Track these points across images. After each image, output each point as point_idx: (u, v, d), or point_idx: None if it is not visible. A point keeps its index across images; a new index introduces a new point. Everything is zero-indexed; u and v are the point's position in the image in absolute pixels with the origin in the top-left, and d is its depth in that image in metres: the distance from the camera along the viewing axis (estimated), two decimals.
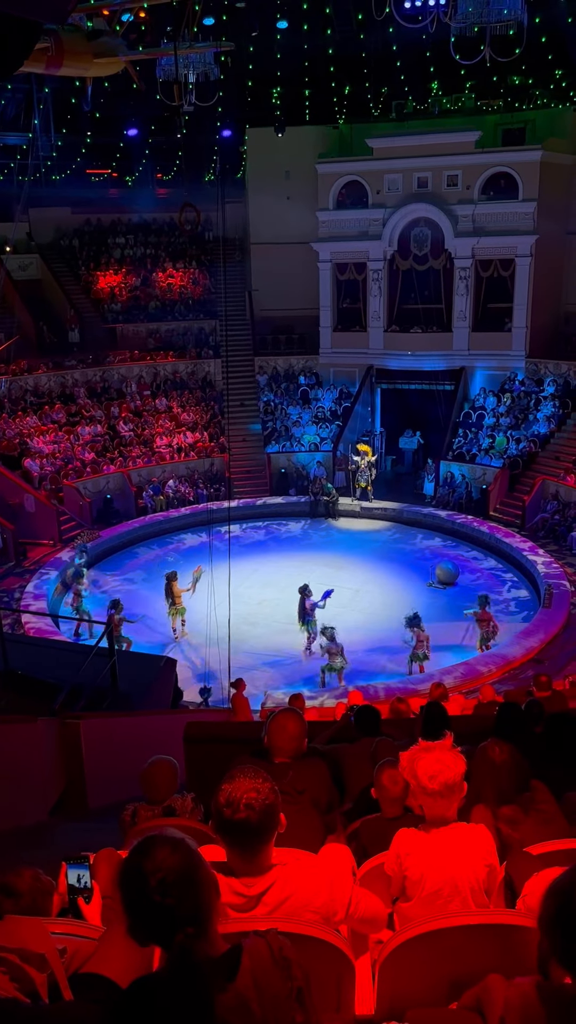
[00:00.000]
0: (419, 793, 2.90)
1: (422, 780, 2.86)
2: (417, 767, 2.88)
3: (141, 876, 1.74)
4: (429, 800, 2.89)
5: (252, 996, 1.64)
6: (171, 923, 1.71)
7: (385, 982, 2.49)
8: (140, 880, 1.74)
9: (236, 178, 29.83)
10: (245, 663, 14.90)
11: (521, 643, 15.88)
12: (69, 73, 17.11)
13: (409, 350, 26.39)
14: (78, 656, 9.51)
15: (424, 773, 2.86)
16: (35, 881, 2.49)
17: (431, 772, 2.85)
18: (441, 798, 2.86)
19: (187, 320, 29.78)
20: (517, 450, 23.83)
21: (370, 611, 17.39)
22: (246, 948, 1.72)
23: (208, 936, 1.74)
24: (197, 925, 1.72)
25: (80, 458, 23.86)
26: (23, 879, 2.47)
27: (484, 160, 25.03)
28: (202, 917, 1.74)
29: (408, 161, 25.52)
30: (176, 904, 1.70)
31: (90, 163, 30.60)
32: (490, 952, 2.41)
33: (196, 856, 1.79)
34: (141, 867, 1.75)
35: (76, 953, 2.41)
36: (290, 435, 26.21)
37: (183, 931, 1.70)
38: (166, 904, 1.70)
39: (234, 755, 3.35)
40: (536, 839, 3.22)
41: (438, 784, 2.84)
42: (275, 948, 1.73)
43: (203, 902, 1.75)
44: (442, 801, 2.87)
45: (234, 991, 1.63)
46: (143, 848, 1.79)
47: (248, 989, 1.64)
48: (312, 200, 26.95)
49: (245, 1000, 1.63)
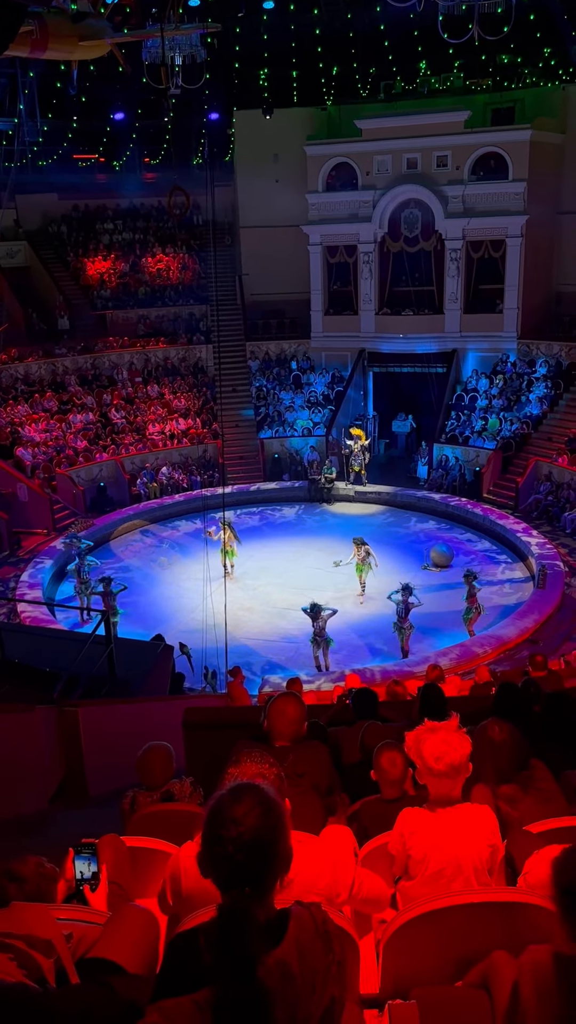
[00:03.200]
0: (424, 773, 2.91)
1: (428, 761, 2.87)
2: (423, 748, 2.90)
3: (223, 821, 1.73)
4: (434, 780, 2.90)
5: (294, 963, 1.65)
6: (234, 876, 1.71)
7: (389, 961, 2.51)
8: (221, 825, 1.73)
9: (224, 161, 29.60)
10: (242, 648, 14.95)
11: (516, 624, 15.95)
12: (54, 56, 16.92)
13: (401, 333, 26.32)
14: (75, 644, 9.51)
15: (430, 754, 2.87)
16: (39, 868, 2.50)
17: (437, 753, 2.86)
18: (446, 778, 2.87)
19: (177, 306, 29.61)
20: (510, 432, 23.84)
21: (365, 594, 17.42)
22: (293, 916, 1.73)
23: (263, 902, 1.74)
24: (256, 888, 1.72)
25: (72, 446, 23.78)
26: (27, 866, 2.48)
27: (473, 140, 24.87)
28: (264, 883, 1.73)
29: (397, 142, 25.34)
30: (244, 861, 1.70)
31: (77, 148, 30.33)
32: (493, 930, 2.43)
33: (281, 826, 1.78)
34: (228, 812, 1.74)
35: (82, 938, 2.43)
36: (283, 420, 26.16)
37: (241, 888, 1.70)
38: (236, 858, 1.70)
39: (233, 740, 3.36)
40: (535, 817, 3.25)
41: (444, 765, 2.85)
42: (319, 921, 1.74)
43: (270, 870, 1.74)
44: (447, 781, 2.88)
45: (277, 956, 1.64)
46: (238, 794, 1.78)
47: (291, 956, 1.65)
48: (301, 183, 26.77)
49: (287, 966, 1.63)
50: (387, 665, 14.41)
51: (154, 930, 2.69)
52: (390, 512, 22.87)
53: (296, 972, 1.65)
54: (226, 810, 1.74)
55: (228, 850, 1.70)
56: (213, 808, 1.77)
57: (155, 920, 2.74)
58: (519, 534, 19.76)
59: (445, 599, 16.97)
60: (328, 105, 27.61)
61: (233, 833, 1.71)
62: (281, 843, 1.77)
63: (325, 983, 1.67)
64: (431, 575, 18.66)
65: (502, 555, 19.81)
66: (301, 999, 1.64)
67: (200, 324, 29.02)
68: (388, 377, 27.32)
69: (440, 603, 16.74)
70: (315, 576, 18.54)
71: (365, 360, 26.95)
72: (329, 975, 1.68)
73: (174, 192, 19.36)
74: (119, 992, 1.88)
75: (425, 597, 15.97)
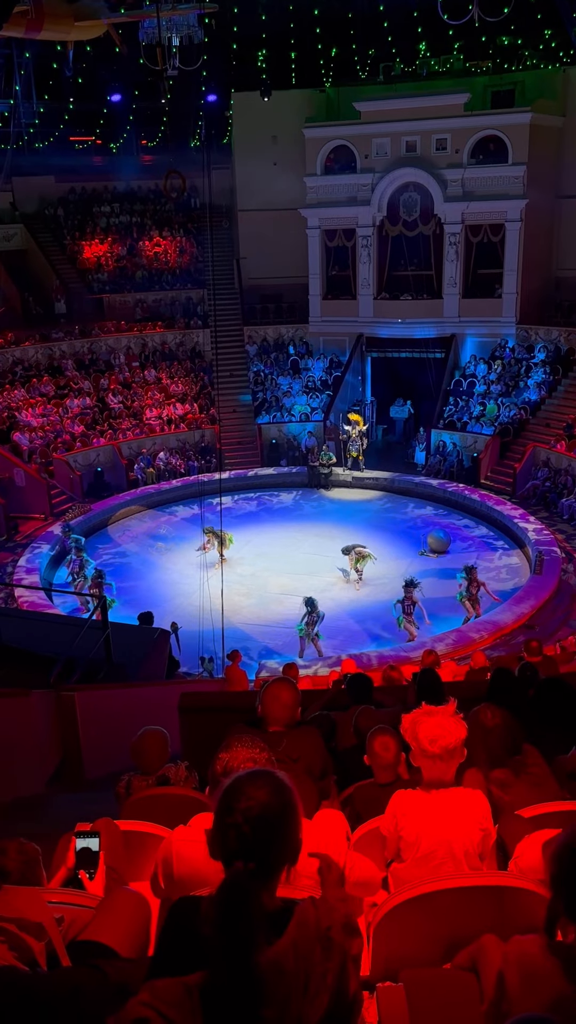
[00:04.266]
0: (419, 755, 2.94)
1: (423, 743, 2.90)
2: (419, 730, 2.93)
3: (237, 795, 1.80)
4: (428, 763, 2.93)
5: (288, 962, 1.67)
6: (240, 848, 1.75)
7: (380, 944, 2.53)
8: (234, 798, 1.79)
9: (222, 144, 29.37)
10: (239, 633, 14.98)
11: (512, 609, 15.99)
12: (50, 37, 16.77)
13: (399, 318, 26.22)
14: (72, 629, 9.52)
15: (425, 736, 2.90)
16: (20, 854, 2.50)
17: (432, 735, 2.89)
18: (440, 761, 2.90)
19: (174, 289, 29.47)
20: (508, 417, 23.80)
21: (363, 581, 17.44)
22: (296, 914, 1.75)
23: (267, 885, 1.77)
24: (260, 865, 1.75)
25: (69, 431, 23.72)
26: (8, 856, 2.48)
27: (473, 123, 24.66)
28: (268, 863, 1.77)
29: (396, 125, 25.14)
30: (251, 835, 1.75)
31: (73, 130, 30.07)
32: (483, 914, 2.45)
33: (292, 810, 1.82)
34: (242, 787, 1.81)
35: (74, 921, 2.44)
36: (280, 405, 26.09)
37: (247, 862, 1.74)
38: (243, 830, 1.75)
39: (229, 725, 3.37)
40: (527, 802, 3.27)
41: (438, 748, 2.88)
42: (323, 926, 1.76)
43: (276, 851, 1.79)
44: (441, 764, 2.91)
45: (271, 953, 1.66)
46: (254, 777, 1.84)
47: (286, 954, 1.67)
48: (300, 165, 26.58)
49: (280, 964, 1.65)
50: (384, 650, 14.45)
51: (146, 913, 2.70)
52: (387, 498, 22.87)
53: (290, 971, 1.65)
54: (241, 786, 1.82)
55: (237, 820, 1.76)
56: (229, 785, 1.84)
57: (147, 903, 2.75)
58: (516, 520, 19.77)
59: (442, 585, 16.99)
60: (327, 87, 27.36)
61: (243, 805, 1.77)
62: (290, 826, 1.81)
63: (319, 988, 1.68)
64: (428, 561, 18.68)
65: (499, 541, 19.83)
66: (292, 999, 1.65)
67: (197, 308, 28.90)
68: (386, 362, 27.22)
69: (437, 589, 16.76)
70: (312, 562, 18.56)
71: (363, 345, 26.84)
72: (324, 982, 1.69)
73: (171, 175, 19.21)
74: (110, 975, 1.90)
75: (422, 583, 15.98)
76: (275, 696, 3.60)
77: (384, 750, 3.89)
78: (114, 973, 1.90)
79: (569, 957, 1.85)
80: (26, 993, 1.73)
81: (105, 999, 1.77)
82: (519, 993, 1.87)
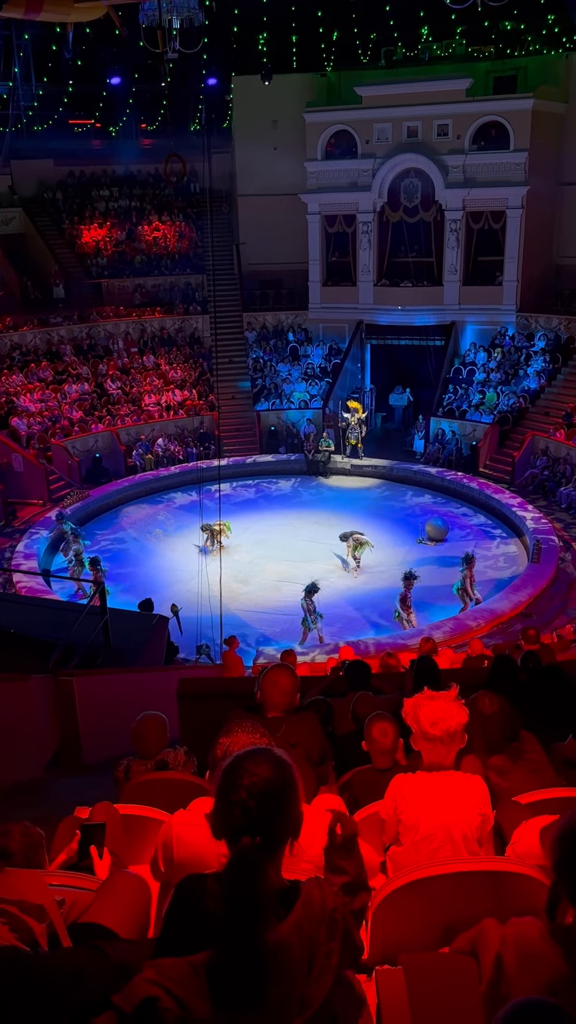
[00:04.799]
0: (419, 739, 2.97)
1: (424, 725, 2.93)
2: (420, 713, 2.95)
3: (239, 772, 1.82)
4: (428, 746, 2.96)
5: (294, 942, 1.69)
6: (247, 824, 1.77)
7: (377, 928, 2.55)
8: (237, 775, 1.82)
9: (222, 128, 29.19)
10: (236, 620, 15.01)
11: (510, 597, 16.02)
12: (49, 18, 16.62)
13: (399, 305, 26.13)
14: (70, 615, 9.53)
15: (427, 719, 2.93)
16: (24, 837, 2.53)
17: (433, 718, 2.92)
18: (441, 744, 2.93)
19: (174, 275, 29.34)
20: (507, 406, 23.78)
21: (361, 568, 17.47)
22: (303, 894, 1.77)
23: (272, 858, 1.79)
24: (266, 840, 1.77)
25: (68, 417, 23.67)
26: (12, 838, 2.50)
27: (475, 109, 24.50)
28: (274, 837, 1.80)
29: (398, 110, 24.98)
30: (255, 809, 1.77)
31: (72, 113, 29.89)
32: (482, 898, 2.47)
33: (293, 784, 1.85)
34: (243, 764, 1.84)
35: (74, 904, 2.46)
36: (280, 392, 26.04)
37: (252, 836, 1.76)
38: (248, 805, 1.77)
39: (227, 711, 3.38)
40: (524, 788, 3.29)
41: (439, 731, 2.91)
42: (328, 907, 1.78)
43: (280, 824, 1.81)
44: (441, 748, 2.94)
45: (277, 934, 1.67)
46: (254, 754, 1.87)
47: (291, 935, 1.69)
48: (300, 150, 26.42)
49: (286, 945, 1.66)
50: (381, 638, 14.49)
51: (146, 896, 2.73)
52: (386, 485, 22.87)
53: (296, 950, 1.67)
54: (242, 763, 1.84)
55: (242, 796, 1.78)
56: (231, 763, 1.86)
57: (147, 886, 2.77)
58: (515, 508, 19.79)
59: (439, 573, 17.02)
60: (328, 71, 27.18)
61: (247, 781, 1.79)
62: (292, 799, 1.84)
63: (323, 968, 1.70)
64: (426, 549, 18.70)
65: (497, 529, 19.85)
66: (297, 980, 1.67)
67: (196, 294, 28.78)
68: (386, 350, 27.14)
69: (434, 577, 16.80)
70: (310, 549, 18.58)
71: (363, 332, 26.76)
72: (328, 962, 1.71)
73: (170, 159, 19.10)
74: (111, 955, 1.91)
75: (420, 571, 16.02)
76: (274, 682, 3.62)
77: (382, 736, 3.91)
78: (115, 954, 1.91)
79: (568, 939, 1.87)
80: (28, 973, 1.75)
81: (107, 979, 1.79)
82: (517, 974, 1.89)
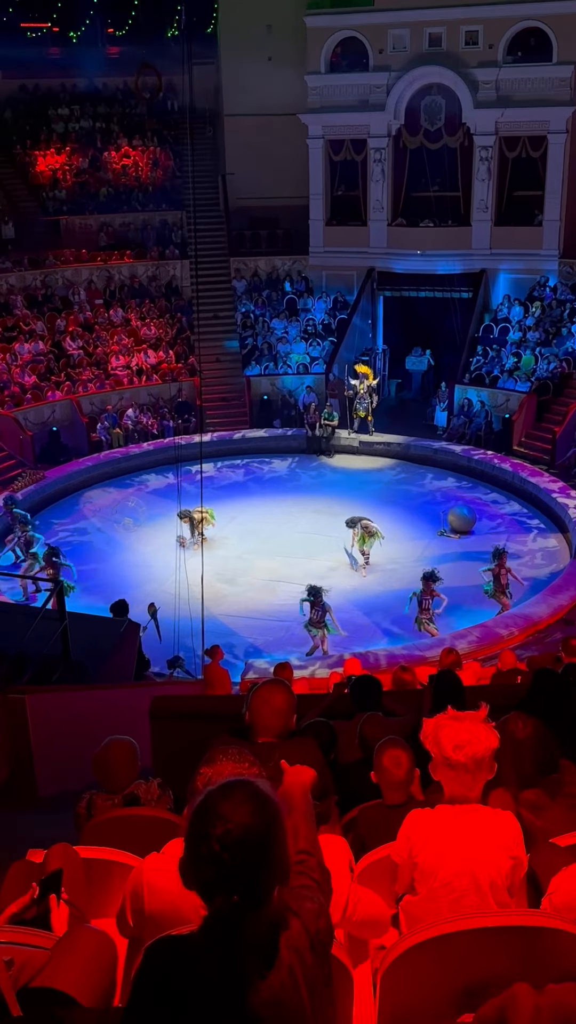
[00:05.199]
0: (440, 765, 2.94)
1: (446, 750, 2.91)
2: (442, 734, 2.93)
3: (210, 818, 1.79)
4: (451, 774, 2.93)
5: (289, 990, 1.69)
6: (220, 880, 1.75)
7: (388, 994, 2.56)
8: (207, 822, 1.79)
9: (205, 34, 29.08)
10: (221, 627, 15.02)
11: (548, 601, 16.05)
12: None
13: (418, 249, 26.11)
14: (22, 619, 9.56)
15: (449, 742, 2.90)
16: None
17: (458, 741, 2.89)
18: (466, 772, 2.90)
19: (147, 211, 29.28)
20: (547, 371, 23.78)
21: (371, 565, 17.50)
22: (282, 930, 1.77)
23: (257, 915, 1.77)
24: (246, 896, 1.75)
25: (19, 382, 23.63)
26: None
27: (510, 12, 24.44)
28: (255, 891, 1.77)
29: (417, 13, 24.90)
30: (231, 862, 1.74)
31: (25, 15, 29.71)
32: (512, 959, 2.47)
33: (276, 826, 1.82)
34: (215, 808, 1.80)
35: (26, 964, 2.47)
36: (274, 354, 26.02)
37: (229, 895, 1.74)
38: (222, 858, 1.75)
39: (210, 734, 3.39)
40: (564, 828, 3.30)
41: (464, 756, 2.88)
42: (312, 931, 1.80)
43: (262, 876, 1.78)
44: (466, 777, 2.92)
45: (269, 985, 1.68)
46: (227, 789, 1.84)
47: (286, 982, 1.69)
48: (300, 61, 26.35)
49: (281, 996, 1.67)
50: (394, 648, 14.53)
51: (111, 955, 2.74)
52: (401, 467, 22.89)
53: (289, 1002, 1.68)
54: (213, 806, 1.80)
55: (214, 848, 1.74)
56: (199, 805, 1.83)
57: (112, 944, 2.78)
58: (555, 495, 19.82)
59: (464, 571, 17.05)
60: None
61: (219, 830, 1.76)
62: (276, 845, 1.81)
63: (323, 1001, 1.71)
64: (449, 542, 18.73)
65: (534, 520, 19.89)
66: None
67: (174, 235, 28.70)
68: (402, 303, 27.15)
69: (459, 576, 16.82)
70: (310, 543, 18.60)
71: (374, 282, 26.76)
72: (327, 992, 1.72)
73: (143, 70, 19.01)
74: None
75: (442, 569, 16.04)
76: (266, 700, 3.63)
77: (395, 765, 3.92)
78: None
79: None
80: None
81: None
82: None
